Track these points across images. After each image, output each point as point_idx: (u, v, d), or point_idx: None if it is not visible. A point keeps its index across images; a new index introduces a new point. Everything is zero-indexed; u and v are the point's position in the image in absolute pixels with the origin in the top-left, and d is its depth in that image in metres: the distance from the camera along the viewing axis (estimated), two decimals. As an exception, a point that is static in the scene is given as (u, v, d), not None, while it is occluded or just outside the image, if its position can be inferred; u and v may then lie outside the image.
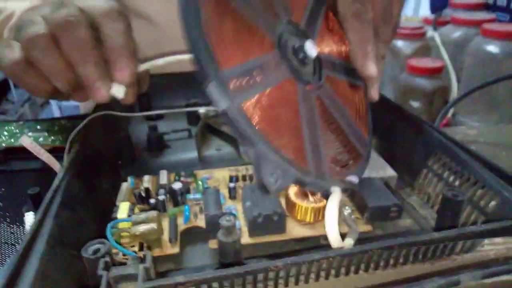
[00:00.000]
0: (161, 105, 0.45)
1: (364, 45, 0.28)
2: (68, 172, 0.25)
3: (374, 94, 0.31)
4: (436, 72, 0.55)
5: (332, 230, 0.21)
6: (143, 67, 0.27)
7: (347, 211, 0.26)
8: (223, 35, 0.22)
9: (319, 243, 0.26)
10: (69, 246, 0.22)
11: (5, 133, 0.39)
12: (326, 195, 0.23)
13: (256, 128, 0.21)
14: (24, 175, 0.35)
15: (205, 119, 0.39)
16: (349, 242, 0.22)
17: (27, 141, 0.32)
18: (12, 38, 0.26)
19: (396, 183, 0.31)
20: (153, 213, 0.24)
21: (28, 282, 0.18)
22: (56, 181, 0.24)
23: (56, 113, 1.95)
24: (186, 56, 0.27)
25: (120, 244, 0.23)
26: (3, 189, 0.33)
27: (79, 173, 0.27)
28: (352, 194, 0.28)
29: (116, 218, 0.25)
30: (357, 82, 0.32)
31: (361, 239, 0.23)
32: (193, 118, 0.41)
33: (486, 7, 0.87)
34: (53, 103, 1.57)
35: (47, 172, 0.35)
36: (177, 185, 0.28)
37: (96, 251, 0.20)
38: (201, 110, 0.40)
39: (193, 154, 0.35)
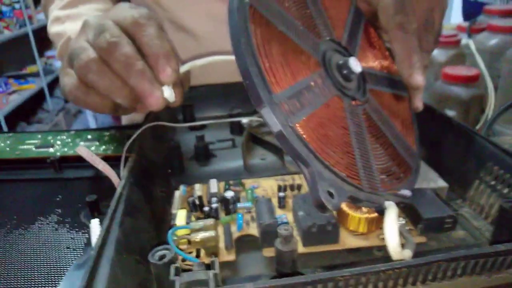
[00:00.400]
0: (204, 115, 0.46)
1: (410, 55, 0.28)
2: (128, 180, 0.27)
3: (419, 104, 0.31)
4: (472, 80, 0.54)
5: (392, 242, 0.21)
6: (184, 67, 0.29)
7: (401, 222, 0.26)
8: (272, 59, 0.22)
9: (372, 255, 0.26)
10: (133, 252, 0.23)
11: (58, 142, 0.41)
12: (379, 209, 0.23)
13: (310, 147, 0.21)
14: (78, 183, 0.36)
15: (249, 129, 0.39)
16: (408, 253, 0.22)
17: (83, 150, 0.34)
18: (68, 67, 0.29)
19: (446, 194, 0.30)
20: (211, 221, 0.25)
21: (103, 285, 0.19)
22: (118, 189, 0.25)
23: (91, 122, 2.02)
24: (224, 57, 0.29)
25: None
26: (60, 196, 0.34)
27: (137, 181, 0.28)
28: (405, 205, 0.28)
29: (174, 225, 0.25)
30: (401, 93, 0.32)
31: (417, 251, 0.23)
32: (235, 128, 0.42)
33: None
34: (88, 112, 1.62)
35: (99, 180, 0.37)
36: (229, 194, 0.28)
37: (162, 257, 0.21)
38: (244, 120, 0.41)
39: (239, 163, 0.36)
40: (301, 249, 0.25)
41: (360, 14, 0.32)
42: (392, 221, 0.21)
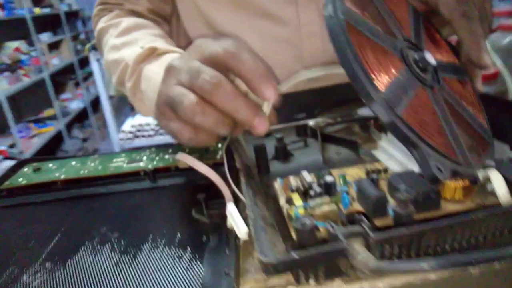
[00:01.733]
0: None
1: (477, 39, 0.32)
2: (245, 176, 0.30)
3: (480, 86, 0.35)
4: (492, 78, 0.58)
5: (503, 191, 0.24)
6: (283, 87, 0.33)
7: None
8: (370, 62, 0.27)
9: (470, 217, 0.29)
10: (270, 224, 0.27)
11: (144, 157, 0.45)
12: (473, 179, 0.27)
13: (417, 132, 0.25)
14: (173, 189, 0.40)
15: (320, 129, 0.43)
16: None
17: (185, 156, 0.38)
18: (168, 111, 0.31)
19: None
20: (326, 198, 0.28)
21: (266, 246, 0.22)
22: (243, 180, 0.29)
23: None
24: (315, 73, 0.33)
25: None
26: (162, 201, 0.38)
27: (248, 173, 0.32)
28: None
29: (294, 205, 0.29)
30: (463, 78, 0.36)
31: None
32: (300, 131, 0.46)
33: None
34: (115, 146, 1.67)
35: (192, 185, 0.40)
36: (329, 178, 0.32)
37: (304, 224, 0.24)
38: (311, 122, 0.45)
39: (316, 159, 0.40)
40: (407, 217, 0.29)
41: (417, 13, 0.37)
42: (499, 176, 0.25)
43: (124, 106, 2.79)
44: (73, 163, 0.46)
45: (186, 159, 0.37)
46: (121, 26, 0.53)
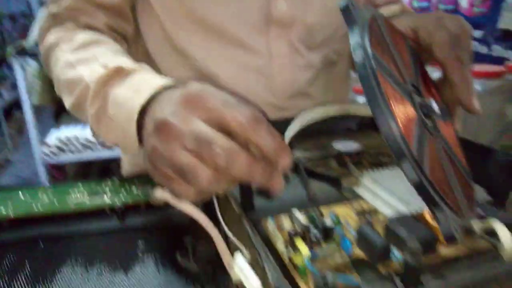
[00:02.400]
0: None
1: (469, 83, 0.34)
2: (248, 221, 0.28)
3: (459, 127, 0.37)
4: None
5: (508, 241, 0.25)
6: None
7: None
8: (398, 115, 0.27)
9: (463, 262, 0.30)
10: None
11: (107, 189, 0.40)
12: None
13: (440, 193, 0.25)
14: (146, 230, 0.36)
15: (301, 164, 0.43)
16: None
17: (165, 194, 0.34)
18: (167, 173, 0.28)
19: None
20: (334, 246, 0.27)
21: None
22: (248, 227, 0.27)
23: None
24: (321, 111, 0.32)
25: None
26: (139, 243, 0.34)
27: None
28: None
29: (300, 254, 0.28)
30: (448, 118, 0.38)
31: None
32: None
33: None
34: (38, 160, 1.51)
35: (168, 225, 0.37)
36: (329, 222, 0.31)
37: (325, 283, 0.23)
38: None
39: (300, 194, 0.39)
40: (407, 263, 0.29)
41: (414, 53, 0.38)
42: (502, 225, 0.26)
43: (43, 116, 2.55)
44: (21, 196, 0.40)
45: (168, 198, 0.34)
46: (76, 41, 0.47)
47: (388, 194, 0.35)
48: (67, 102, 0.45)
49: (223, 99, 0.28)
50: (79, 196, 0.39)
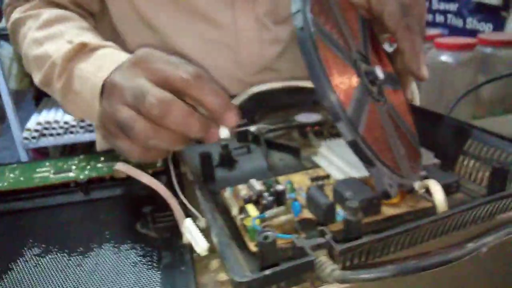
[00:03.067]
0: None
1: (417, 51, 0.35)
2: (200, 188, 0.30)
3: (409, 95, 0.39)
4: None
5: (441, 199, 0.27)
6: (239, 99, 0.33)
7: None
8: (334, 77, 0.28)
9: (403, 219, 0.32)
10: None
11: (73, 167, 0.41)
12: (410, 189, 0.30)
13: (374, 150, 0.27)
14: (109, 202, 0.38)
15: (262, 135, 0.44)
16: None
17: (124, 166, 0.35)
18: (114, 131, 0.30)
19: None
20: (282, 208, 0.29)
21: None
22: (199, 193, 0.28)
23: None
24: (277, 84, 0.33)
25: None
26: (101, 216, 0.35)
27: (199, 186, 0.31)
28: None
29: (249, 217, 0.29)
30: (398, 87, 0.40)
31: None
32: (241, 136, 0.46)
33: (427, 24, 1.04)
34: (19, 146, 1.50)
35: (129, 197, 0.38)
36: (280, 187, 0.33)
37: (265, 238, 0.25)
38: (252, 128, 0.45)
39: (261, 165, 0.41)
40: (352, 222, 0.31)
41: (363, 21, 0.39)
42: (437, 185, 0.28)
43: (25, 101, 2.51)
44: (-13, 173, 0.40)
45: (128, 170, 0.35)
46: (42, 18, 0.47)
47: (341, 161, 0.37)
48: (36, 79, 0.46)
49: (167, 60, 0.29)
50: (45, 173, 0.40)
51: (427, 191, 0.32)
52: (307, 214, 0.32)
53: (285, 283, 0.23)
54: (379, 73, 0.32)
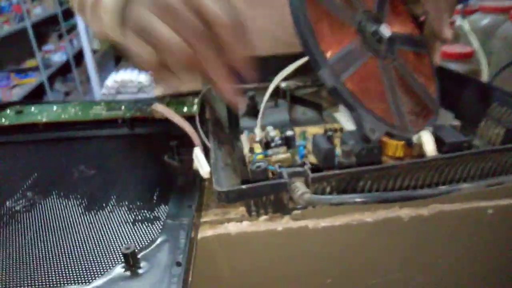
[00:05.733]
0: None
1: (441, 13, 0.35)
2: (213, 126, 0.34)
3: (438, 59, 0.38)
4: (467, 57, 0.61)
5: (430, 147, 0.28)
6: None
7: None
8: (323, 32, 0.29)
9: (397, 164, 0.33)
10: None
11: (123, 107, 0.48)
12: (409, 142, 0.31)
13: (356, 96, 0.28)
14: (149, 138, 0.43)
15: (290, 91, 0.46)
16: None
17: (160, 107, 0.40)
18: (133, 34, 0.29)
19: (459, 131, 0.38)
20: (284, 148, 0.32)
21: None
22: (210, 128, 0.32)
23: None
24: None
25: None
26: (139, 148, 0.41)
27: (218, 126, 0.35)
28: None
29: (254, 153, 0.32)
30: (422, 51, 0.39)
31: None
32: (273, 91, 0.49)
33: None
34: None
35: (167, 135, 0.43)
36: (289, 133, 0.35)
37: (258, 167, 0.28)
38: (283, 84, 0.48)
39: (283, 117, 0.43)
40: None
41: None
42: (429, 136, 0.29)
43: (107, 61, 2.74)
44: (55, 108, 0.48)
45: (162, 110, 0.40)
46: None
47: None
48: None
49: None
50: (99, 110, 0.47)
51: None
52: (311, 159, 0.34)
53: (263, 204, 0.26)
54: (385, 31, 0.32)
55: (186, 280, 0.23)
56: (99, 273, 0.24)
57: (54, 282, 0.24)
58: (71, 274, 0.24)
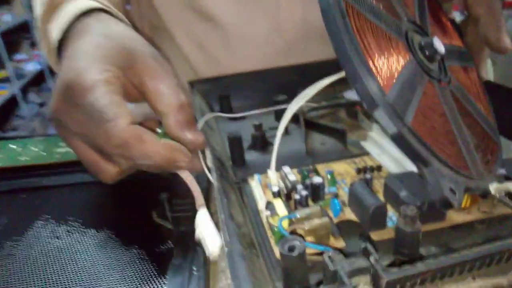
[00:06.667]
0: (240, 105, 0.44)
1: (497, 17, 0.27)
2: (219, 176, 0.25)
3: (485, 73, 0.31)
4: None
5: None
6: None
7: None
8: (372, 52, 0.22)
9: (474, 228, 0.25)
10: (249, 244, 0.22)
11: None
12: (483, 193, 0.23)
13: (428, 146, 0.20)
14: (131, 184, 0.34)
15: (303, 115, 0.38)
16: None
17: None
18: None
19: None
20: (317, 208, 0.24)
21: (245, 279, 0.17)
22: (215, 182, 0.24)
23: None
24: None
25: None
26: (119, 198, 0.32)
27: (220, 173, 0.26)
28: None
29: (276, 216, 0.24)
30: (469, 64, 0.32)
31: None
32: (280, 115, 0.41)
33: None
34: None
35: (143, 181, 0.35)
36: (317, 180, 0.27)
37: (291, 248, 0.20)
38: (292, 106, 0.40)
39: (299, 148, 0.35)
40: (406, 229, 0.25)
41: None
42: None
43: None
44: (13, 146, 0.39)
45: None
46: None
47: (396, 149, 0.30)
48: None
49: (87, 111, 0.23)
50: (67, 149, 0.38)
51: (508, 194, 0.25)
52: (349, 215, 0.26)
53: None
54: (438, 45, 0.24)
55: None
56: None
57: None
58: None
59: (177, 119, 0.24)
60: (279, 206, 0.25)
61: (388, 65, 0.21)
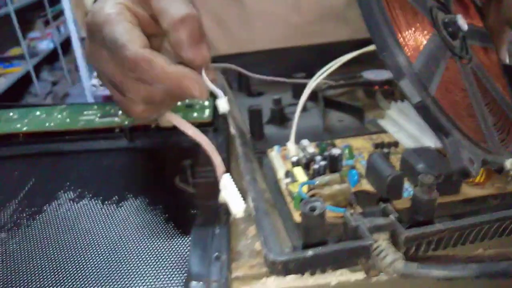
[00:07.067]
0: (260, 82, 0.45)
1: None
2: (242, 144, 0.26)
3: (505, 55, 0.31)
4: None
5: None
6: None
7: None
8: (401, 26, 0.22)
9: (488, 203, 0.26)
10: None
11: (120, 112, 0.40)
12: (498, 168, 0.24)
13: (450, 117, 0.21)
14: (151, 151, 0.35)
15: (321, 92, 0.39)
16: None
17: (171, 114, 0.32)
18: None
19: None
20: (336, 175, 0.25)
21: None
22: (240, 150, 0.25)
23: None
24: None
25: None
26: (138, 165, 0.33)
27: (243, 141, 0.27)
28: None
29: (296, 181, 0.25)
30: (490, 45, 0.32)
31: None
32: (298, 91, 0.41)
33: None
34: (88, 92, 1.57)
35: (171, 149, 0.36)
36: (336, 151, 0.28)
37: (312, 209, 0.21)
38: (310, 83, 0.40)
39: (317, 125, 0.36)
40: (421, 201, 0.25)
41: None
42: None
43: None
44: (38, 113, 0.40)
45: (173, 119, 0.32)
46: None
47: (414, 126, 0.31)
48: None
49: None
50: (92, 116, 0.39)
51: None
52: (365, 185, 0.27)
53: (331, 267, 0.19)
54: (462, 22, 0.25)
55: None
56: None
57: None
58: None
59: (176, 37, 0.22)
60: (299, 173, 0.25)
61: (414, 38, 0.22)
